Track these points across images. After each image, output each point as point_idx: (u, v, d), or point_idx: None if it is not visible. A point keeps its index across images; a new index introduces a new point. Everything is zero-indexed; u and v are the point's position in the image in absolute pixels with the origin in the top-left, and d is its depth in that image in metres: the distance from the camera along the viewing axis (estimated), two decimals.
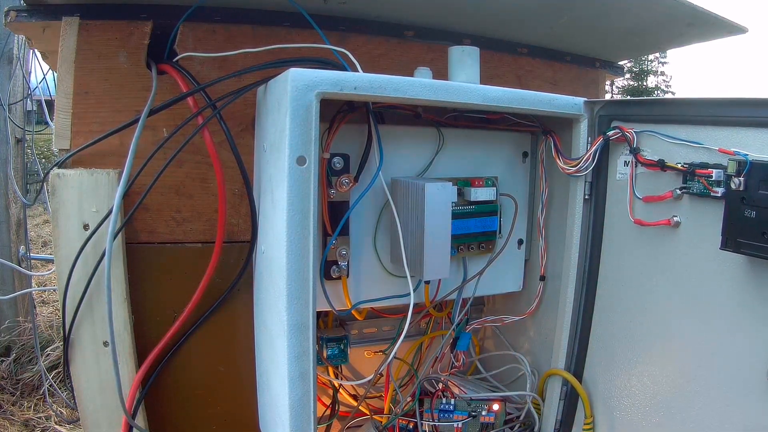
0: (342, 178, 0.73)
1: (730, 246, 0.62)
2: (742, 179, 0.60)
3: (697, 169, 0.67)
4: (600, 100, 0.80)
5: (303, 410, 0.65)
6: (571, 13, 0.95)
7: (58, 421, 2.16)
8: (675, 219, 0.71)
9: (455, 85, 0.70)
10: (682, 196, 0.70)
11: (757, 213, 0.59)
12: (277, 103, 0.66)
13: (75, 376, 0.78)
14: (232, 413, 0.88)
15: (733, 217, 0.62)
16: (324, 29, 0.81)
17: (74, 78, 0.79)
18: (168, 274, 0.83)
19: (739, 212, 0.61)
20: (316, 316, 0.65)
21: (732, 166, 0.62)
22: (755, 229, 0.59)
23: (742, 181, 0.60)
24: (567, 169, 0.81)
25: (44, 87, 2.73)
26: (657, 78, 22.22)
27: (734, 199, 0.62)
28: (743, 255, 0.62)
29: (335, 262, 0.76)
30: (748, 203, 0.60)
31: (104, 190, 0.76)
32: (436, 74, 0.76)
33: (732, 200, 0.62)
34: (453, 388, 0.94)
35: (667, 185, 0.71)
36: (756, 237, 0.59)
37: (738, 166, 0.61)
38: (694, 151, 0.68)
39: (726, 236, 0.63)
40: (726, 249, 0.62)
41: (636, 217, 0.75)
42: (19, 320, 2.59)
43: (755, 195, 0.59)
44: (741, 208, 0.61)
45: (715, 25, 1.04)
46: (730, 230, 0.62)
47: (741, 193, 0.61)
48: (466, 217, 0.83)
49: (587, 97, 0.81)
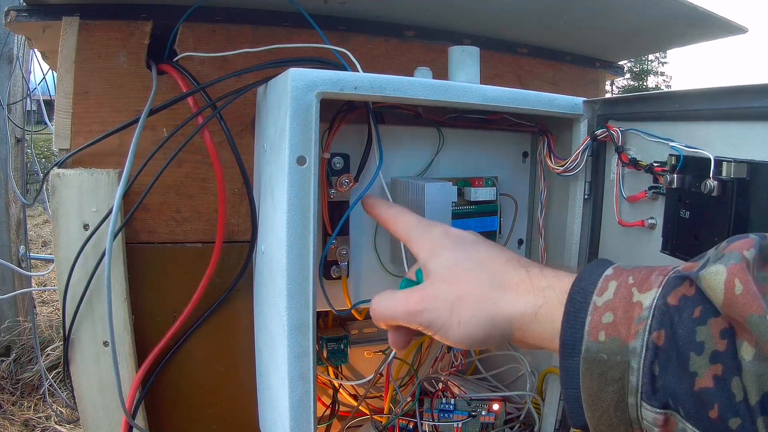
0: (342, 178, 0.73)
1: (667, 248, 0.58)
2: (676, 176, 0.56)
3: (656, 167, 0.63)
4: (598, 99, 0.80)
5: (303, 410, 0.65)
6: (571, 13, 0.95)
7: (58, 421, 2.16)
8: (650, 221, 0.68)
9: (455, 85, 0.70)
10: (657, 196, 0.66)
11: (691, 213, 0.55)
12: (277, 103, 0.66)
13: (75, 376, 0.78)
14: (232, 413, 0.88)
15: (670, 217, 0.57)
16: (324, 29, 0.81)
17: (74, 78, 0.79)
18: (168, 274, 0.83)
19: (676, 212, 0.56)
20: (316, 316, 0.65)
21: (669, 161, 0.57)
22: (688, 230, 0.55)
23: (676, 177, 0.56)
24: (556, 168, 0.81)
25: (44, 87, 2.73)
26: (657, 78, 22.23)
27: (672, 197, 0.57)
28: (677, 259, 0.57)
29: (335, 262, 0.76)
30: (683, 202, 0.56)
31: (104, 190, 0.76)
32: (436, 74, 0.76)
33: (670, 199, 0.57)
34: (453, 388, 0.94)
35: (645, 185, 0.69)
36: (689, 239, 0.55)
37: (674, 161, 0.57)
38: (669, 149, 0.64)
39: (665, 238, 0.58)
40: (664, 252, 0.58)
41: (620, 217, 0.74)
42: (19, 320, 2.59)
43: (689, 193, 0.55)
44: (677, 207, 0.56)
45: (715, 25, 1.04)
46: (668, 231, 0.57)
47: (677, 191, 0.56)
48: (466, 217, 0.83)
49: (588, 97, 0.81)
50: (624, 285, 0.36)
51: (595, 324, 0.36)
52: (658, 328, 0.33)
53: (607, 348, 0.35)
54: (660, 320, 0.33)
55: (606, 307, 0.36)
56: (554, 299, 0.40)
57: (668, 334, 0.33)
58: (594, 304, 0.37)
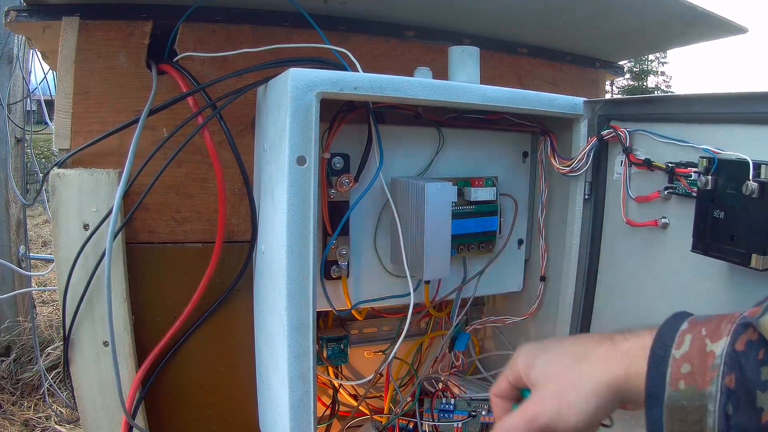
0: (342, 178, 0.73)
1: (700, 248, 0.60)
2: (710, 178, 0.58)
3: (677, 168, 0.65)
4: (599, 100, 0.80)
5: (303, 410, 0.65)
6: (571, 13, 0.95)
7: (58, 421, 2.16)
8: (663, 220, 0.69)
9: (455, 85, 0.70)
10: (671, 196, 0.68)
11: (725, 213, 0.57)
12: (277, 103, 0.66)
13: (75, 376, 0.78)
14: (232, 413, 0.88)
15: (703, 217, 0.59)
16: (324, 29, 0.81)
17: (74, 78, 0.79)
18: (168, 274, 0.83)
19: (708, 213, 0.58)
20: (316, 316, 0.65)
21: (702, 164, 0.59)
22: (723, 230, 0.57)
23: (711, 179, 0.58)
24: (561, 168, 0.81)
25: (44, 87, 2.73)
26: (657, 78, 22.23)
27: (704, 199, 0.59)
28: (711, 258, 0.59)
29: (335, 262, 0.76)
30: (716, 203, 0.58)
31: (104, 190, 0.76)
32: (436, 74, 0.76)
33: (702, 200, 0.60)
34: (453, 388, 0.94)
35: (658, 185, 0.70)
36: (724, 239, 0.57)
37: (707, 164, 0.59)
38: (682, 150, 0.66)
39: (696, 238, 0.60)
40: (696, 251, 0.60)
41: (628, 217, 0.74)
42: (19, 320, 2.59)
43: (723, 194, 0.57)
44: (710, 208, 0.58)
45: (715, 25, 1.04)
46: (701, 231, 0.60)
47: (710, 193, 0.58)
48: (466, 217, 0.83)
49: (587, 97, 0.81)
50: (698, 337, 0.41)
51: (675, 375, 0.41)
52: (729, 373, 0.38)
53: (687, 395, 0.40)
54: (731, 365, 0.39)
55: (683, 359, 0.41)
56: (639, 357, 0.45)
57: (738, 377, 0.38)
58: (673, 357, 0.42)
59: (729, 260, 0.58)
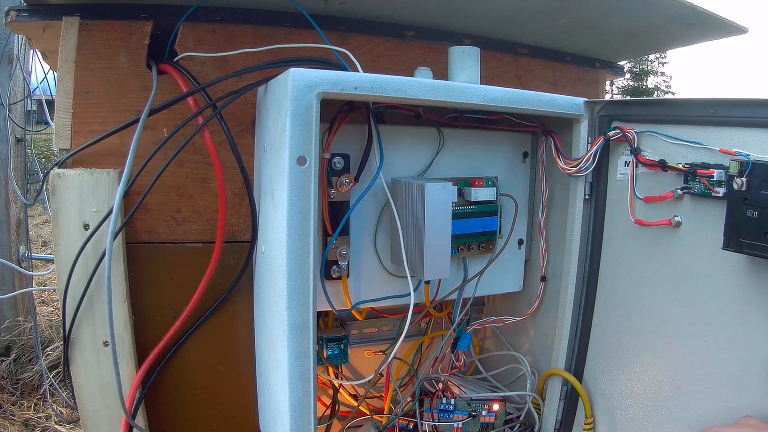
0: (342, 178, 0.73)
1: (732, 246, 0.62)
2: (744, 179, 0.61)
3: (699, 169, 0.67)
4: (600, 101, 0.80)
5: (303, 410, 0.65)
6: (571, 13, 0.95)
7: (58, 421, 2.16)
8: (676, 219, 0.71)
9: (455, 85, 0.70)
10: (683, 196, 0.70)
11: (760, 213, 0.59)
12: (278, 103, 0.66)
13: (75, 376, 0.78)
14: (232, 413, 0.88)
15: (735, 217, 0.62)
16: (324, 29, 0.81)
17: (75, 78, 0.79)
18: (168, 274, 0.83)
19: (741, 212, 0.61)
20: (316, 316, 0.65)
21: (734, 166, 0.62)
22: (757, 229, 0.60)
23: (745, 181, 0.61)
24: (568, 169, 0.81)
25: (44, 87, 2.73)
26: (657, 78, 22.22)
27: (736, 199, 0.62)
28: (745, 255, 0.62)
29: (335, 262, 0.76)
30: (750, 203, 0.60)
31: (104, 190, 0.76)
32: (436, 74, 0.76)
33: (734, 200, 0.62)
34: (453, 388, 0.94)
35: (668, 185, 0.71)
36: (758, 237, 0.59)
37: (740, 166, 0.61)
38: (694, 152, 0.68)
39: (728, 236, 0.63)
40: (728, 249, 0.63)
41: (636, 217, 0.76)
42: (19, 320, 2.59)
43: (757, 195, 0.60)
44: (743, 208, 0.61)
45: (715, 26, 1.04)
46: (732, 230, 0.62)
47: (743, 194, 0.61)
48: (466, 217, 0.83)
49: (587, 97, 0.81)
50: None
51: None
52: None
53: None
54: None
55: None
56: None
57: None
58: None
59: (764, 256, 0.60)
